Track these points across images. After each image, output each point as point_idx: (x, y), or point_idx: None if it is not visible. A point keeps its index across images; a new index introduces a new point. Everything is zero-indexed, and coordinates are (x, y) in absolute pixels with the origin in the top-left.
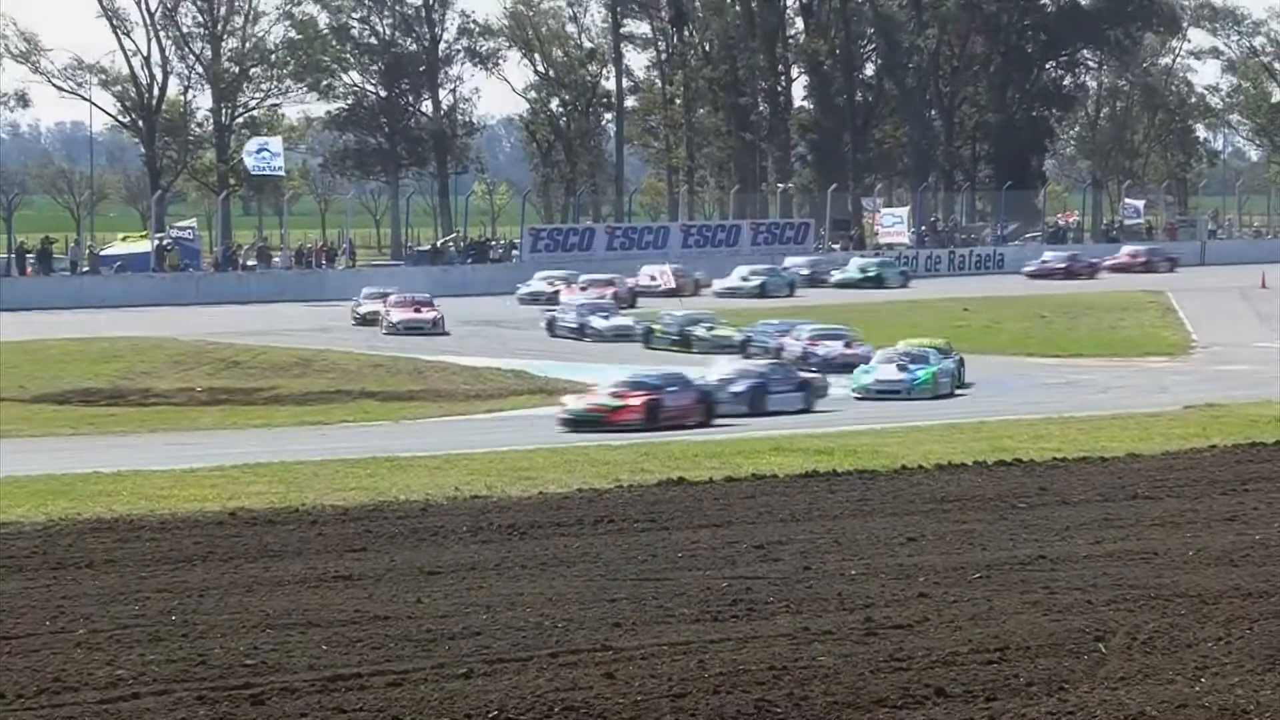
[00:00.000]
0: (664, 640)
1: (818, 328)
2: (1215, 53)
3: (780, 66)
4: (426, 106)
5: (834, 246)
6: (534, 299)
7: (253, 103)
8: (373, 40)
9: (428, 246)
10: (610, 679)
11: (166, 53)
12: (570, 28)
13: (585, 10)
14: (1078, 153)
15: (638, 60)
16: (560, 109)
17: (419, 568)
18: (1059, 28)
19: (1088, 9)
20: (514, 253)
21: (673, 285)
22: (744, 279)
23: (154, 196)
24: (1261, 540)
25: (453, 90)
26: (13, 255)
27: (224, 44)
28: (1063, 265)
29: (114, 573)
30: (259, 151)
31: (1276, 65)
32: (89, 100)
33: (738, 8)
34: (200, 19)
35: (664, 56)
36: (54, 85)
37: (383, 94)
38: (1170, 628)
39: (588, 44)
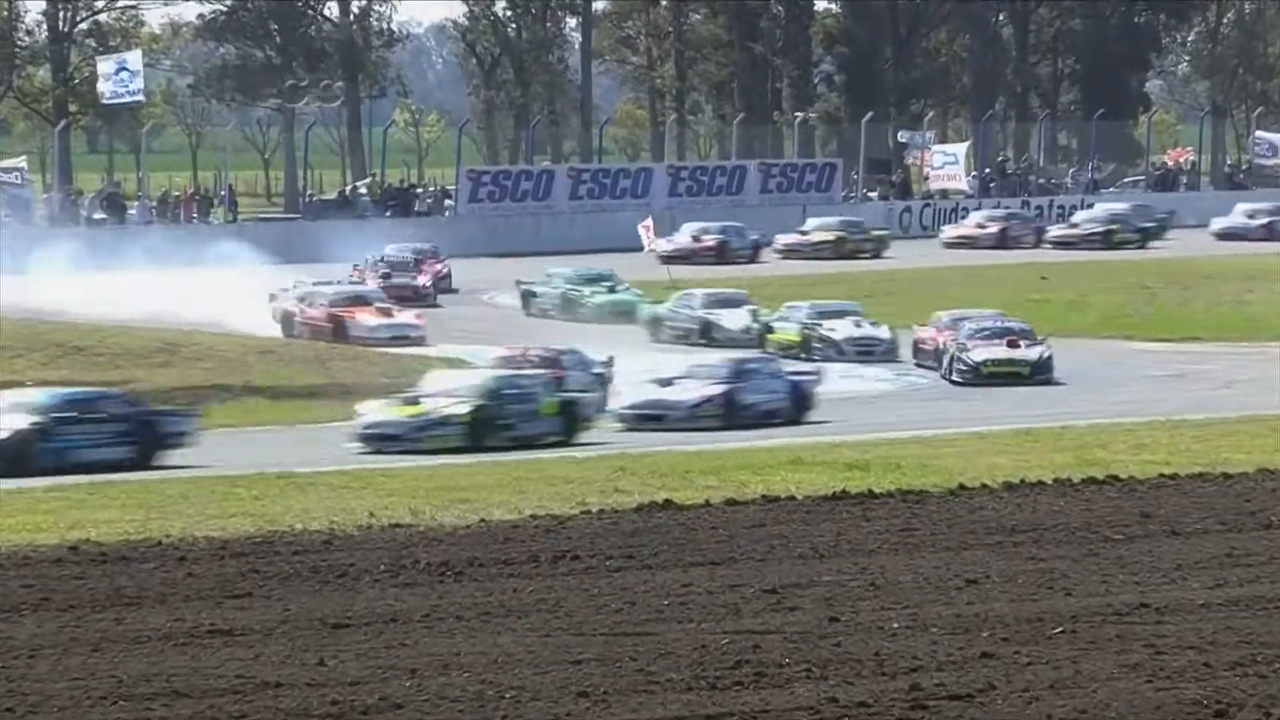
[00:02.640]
0: (645, 715)
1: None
2: None
3: None
4: (331, 9)
5: (869, 194)
6: None
7: (99, 4)
8: None
9: (333, 194)
10: None
11: None
12: None
13: None
14: (1193, 71)
15: None
16: (508, 12)
17: (321, 619)
18: None
19: None
20: (447, 203)
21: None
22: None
23: None
24: None
25: None
26: None
27: None
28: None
29: None
30: (117, 73)
31: None
32: None
33: None
34: None
35: None
36: None
37: None
38: None
39: None
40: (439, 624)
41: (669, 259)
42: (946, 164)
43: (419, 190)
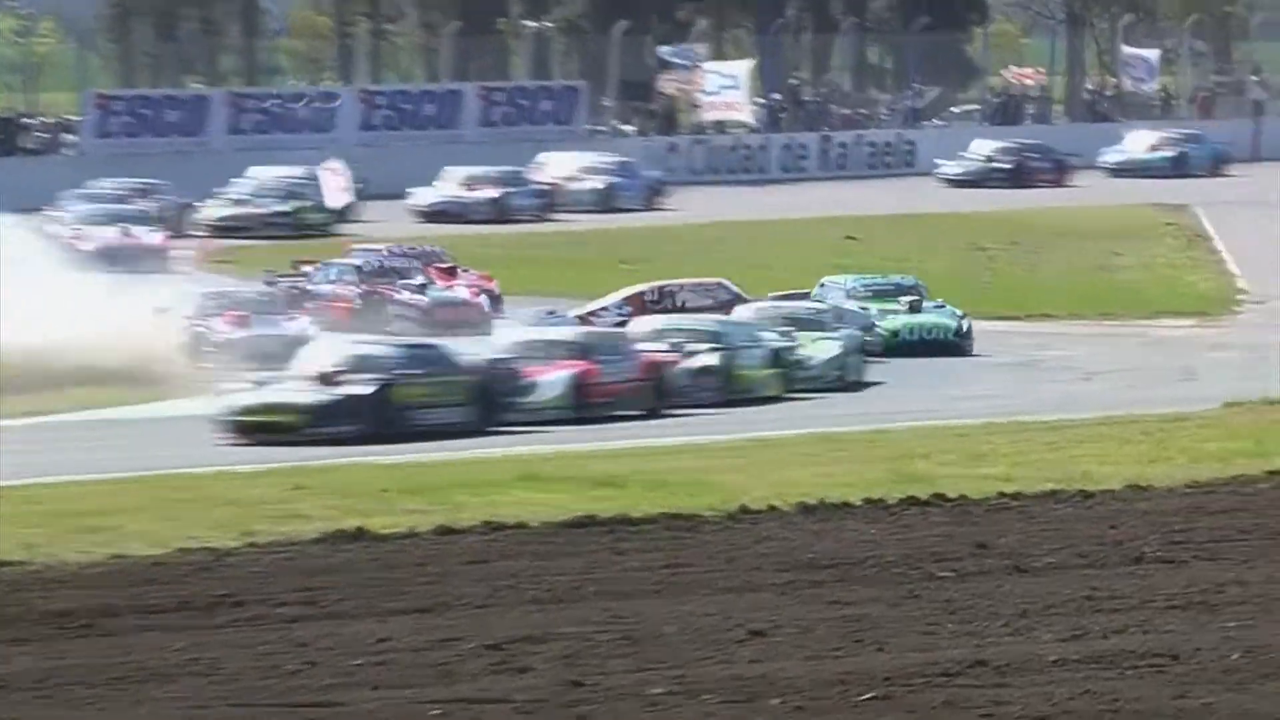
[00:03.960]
0: None
1: None
2: None
3: None
4: None
5: (623, 127)
6: None
7: None
8: None
9: None
10: None
11: None
12: None
13: None
14: None
15: None
16: None
17: None
18: None
19: None
20: (68, 138)
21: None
22: None
23: None
24: None
25: None
26: None
27: None
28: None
29: None
30: None
31: None
32: None
33: None
34: None
35: None
36: None
37: None
38: None
39: None
40: (58, 692)
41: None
42: (725, 88)
43: (29, 121)
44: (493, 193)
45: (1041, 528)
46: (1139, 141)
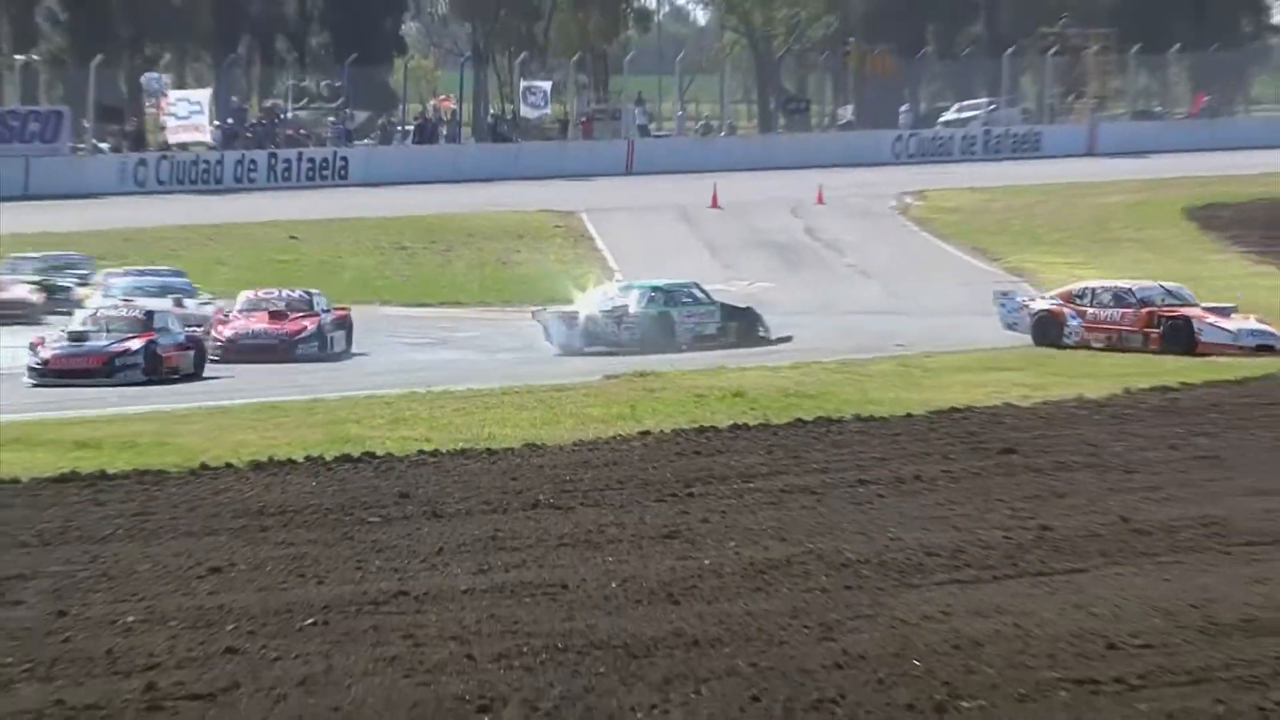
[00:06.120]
0: None
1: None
2: None
3: None
4: None
5: (101, 146)
6: None
7: None
8: None
9: None
10: None
11: None
12: None
13: None
14: (451, 13)
15: None
16: None
17: None
18: None
19: None
20: None
21: None
22: None
23: None
24: (712, 566)
25: None
26: None
27: None
28: None
29: None
30: None
31: None
32: None
33: None
34: None
35: None
36: None
37: None
38: (585, 691)
39: None
40: None
41: None
42: (193, 114)
43: None
44: None
45: (454, 480)
46: None
